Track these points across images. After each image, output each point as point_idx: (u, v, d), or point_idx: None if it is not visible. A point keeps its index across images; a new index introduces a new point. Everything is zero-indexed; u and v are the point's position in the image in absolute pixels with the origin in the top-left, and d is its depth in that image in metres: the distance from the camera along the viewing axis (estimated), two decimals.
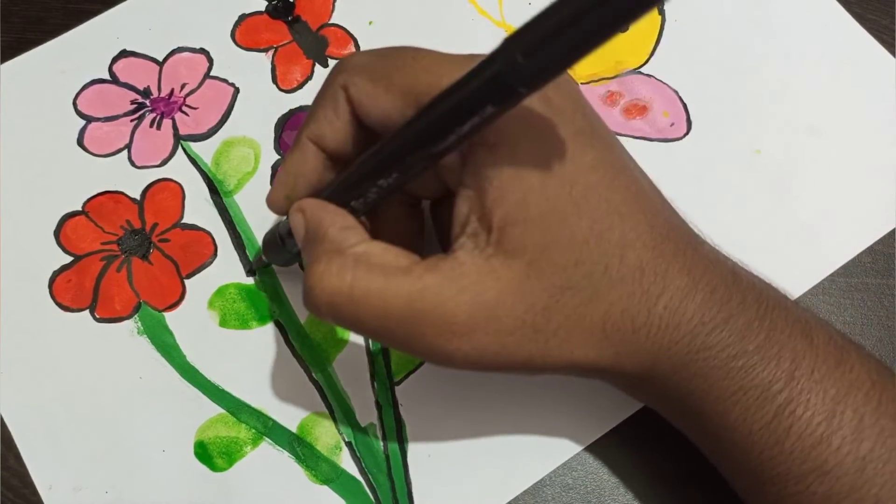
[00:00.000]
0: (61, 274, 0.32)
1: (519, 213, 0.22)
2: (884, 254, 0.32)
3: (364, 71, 0.24)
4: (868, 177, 0.34)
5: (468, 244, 0.23)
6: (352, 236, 0.24)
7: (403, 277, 0.22)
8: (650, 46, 0.37)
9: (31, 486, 0.29)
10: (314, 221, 0.25)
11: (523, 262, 0.22)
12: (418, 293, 0.22)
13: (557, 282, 0.22)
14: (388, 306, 0.22)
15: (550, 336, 0.23)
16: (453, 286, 0.22)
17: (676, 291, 0.23)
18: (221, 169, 0.34)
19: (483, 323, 0.22)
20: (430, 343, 0.22)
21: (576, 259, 0.22)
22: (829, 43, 0.36)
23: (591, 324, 0.23)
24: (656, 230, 0.23)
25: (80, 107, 0.35)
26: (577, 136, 0.23)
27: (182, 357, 0.31)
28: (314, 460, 0.29)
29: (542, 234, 0.22)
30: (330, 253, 0.23)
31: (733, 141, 0.35)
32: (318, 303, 0.23)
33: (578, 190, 0.22)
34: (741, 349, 0.23)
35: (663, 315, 0.23)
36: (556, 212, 0.22)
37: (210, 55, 0.36)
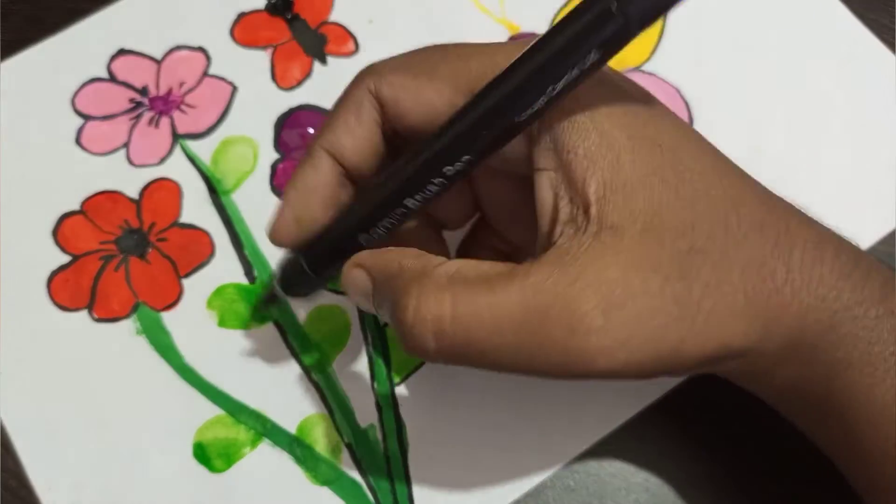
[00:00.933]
0: (59, 273, 0.32)
1: (617, 178, 0.19)
2: (884, 254, 0.32)
3: (399, 68, 0.22)
4: (869, 175, 0.34)
5: (567, 231, 0.20)
6: (433, 259, 0.21)
7: (509, 282, 0.19)
8: (652, 44, 0.36)
9: (29, 488, 0.29)
10: (379, 267, 0.21)
11: (637, 231, 0.19)
12: (532, 291, 0.19)
13: (682, 245, 0.19)
14: (501, 316, 0.19)
15: (697, 310, 0.19)
16: (569, 273, 0.19)
17: (807, 243, 0.20)
18: (220, 168, 0.34)
19: (619, 306, 0.19)
20: (563, 347, 0.19)
21: (692, 220, 0.19)
22: (829, 41, 0.36)
23: (732, 288, 0.20)
24: (759, 189, 0.22)
25: (77, 105, 0.35)
26: (649, 101, 0.22)
27: (180, 357, 0.31)
28: (314, 461, 0.29)
29: (648, 196, 0.19)
30: (417, 279, 0.20)
31: (734, 139, 0.34)
32: (424, 339, 0.20)
33: (669, 150, 0.20)
34: (887, 308, 0.20)
35: (802, 268, 0.20)
36: (655, 172, 0.20)
37: (208, 53, 0.36)
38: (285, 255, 0.26)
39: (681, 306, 0.19)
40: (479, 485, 0.29)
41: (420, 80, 0.21)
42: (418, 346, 0.20)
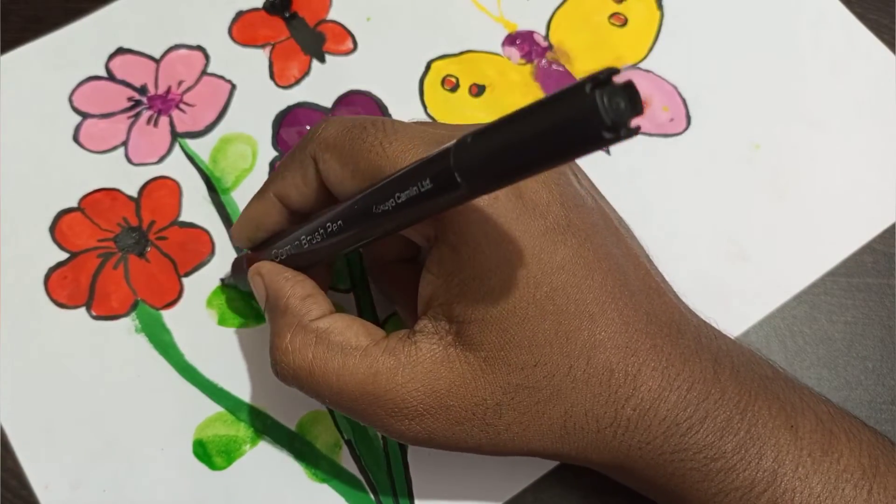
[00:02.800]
0: (57, 271, 0.32)
1: (476, 313, 0.22)
2: (885, 254, 0.32)
3: (334, 149, 0.24)
4: (867, 172, 0.34)
5: (429, 328, 0.23)
6: (314, 308, 0.25)
7: (360, 359, 0.23)
8: (649, 42, 0.36)
9: (29, 487, 0.29)
10: (274, 289, 0.25)
11: (480, 357, 0.22)
12: (372, 377, 0.23)
13: (513, 380, 0.22)
14: (343, 386, 0.23)
15: (502, 430, 0.23)
16: (407, 373, 0.23)
17: (648, 393, 0.22)
18: (219, 166, 0.34)
19: (433, 410, 0.23)
20: (382, 422, 0.23)
21: (535, 360, 0.22)
22: (828, 38, 0.36)
23: (550, 421, 0.23)
24: (632, 327, 0.23)
25: (75, 103, 0.35)
26: (547, 234, 0.22)
27: (180, 355, 0.31)
28: (313, 458, 0.29)
29: (500, 334, 0.22)
30: (293, 327, 0.24)
31: (732, 136, 0.35)
32: (284, 376, 0.24)
33: (543, 292, 0.22)
34: (719, 450, 0.22)
35: (632, 417, 0.22)
36: (517, 314, 0.22)
37: (207, 52, 0.36)
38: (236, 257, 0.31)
39: (486, 425, 0.23)
40: (478, 481, 0.29)
41: (345, 171, 0.24)
42: (278, 373, 0.25)
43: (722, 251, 0.33)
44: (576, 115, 0.15)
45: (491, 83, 0.36)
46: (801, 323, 0.32)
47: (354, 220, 0.22)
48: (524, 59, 0.36)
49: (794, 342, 0.31)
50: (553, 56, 0.36)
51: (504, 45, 0.36)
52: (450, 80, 0.36)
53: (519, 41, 0.37)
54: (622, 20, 0.37)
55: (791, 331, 0.32)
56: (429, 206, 0.19)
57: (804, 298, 0.32)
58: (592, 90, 0.15)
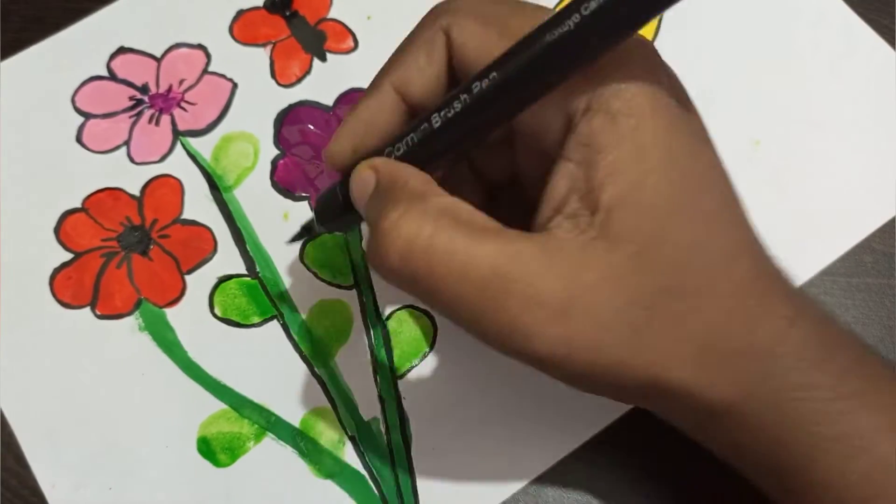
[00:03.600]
0: (61, 271, 0.32)
1: (633, 195, 0.19)
2: (884, 254, 0.33)
3: (474, 12, 0.21)
4: (867, 168, 0.34)
5: (566, 225, 0.20)
6: (437, 189, 0.21)
7: (494, 238, 0.19)
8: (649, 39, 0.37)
9: (30, 487, 0.29)
10: (389, 176, 0.21)
11: (629, 251, 0.19)
12: (508, 258, 0.19)
13: (664, 281, 0.19)
14: (470, 266, 0.19)
15: (649, 341, 0.20)
16: (549, 259, 0.19)
17: (779, 319, 0.21)
18: (221, 164, 0.34)
19: (579, 307, 0.19)
20: (512, 319, 0.19)
21: (686, 260, 0.20)
22: (827, 34, 0.36)
23: (691, 336, 0.20)
24: (756, 250, 0.21)
25: (78, 104, 0.35)
26: (698, 133, 0.21)
27: (184, 353, 0.31)
28: (317, 455, 0.29)
29: (655, 224, 0.19)
30: (410, 199, 0.20)
31: (732, 133, 0.35)
32: (389, 251, 0.19)
33: (695, 185, 0.20)
34: (838, 393, 0.21)
35: (763, 341, 0.20)
36: (673, 203, 0.19)
37: (208, 51, 0.36)
38: (322, 191, 0.26)
39: (634, 332, 0.19)
40: (482, 476, 0.29)
41: (489, 31, 0.21)
42: (381, 258, 0.20)
43: None
44: None
45: None
46: None
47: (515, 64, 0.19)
48: None
49: None
50: None
51: None
52: None
53: None
54: None
55: None
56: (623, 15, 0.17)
57: None
58: None
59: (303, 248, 0.32)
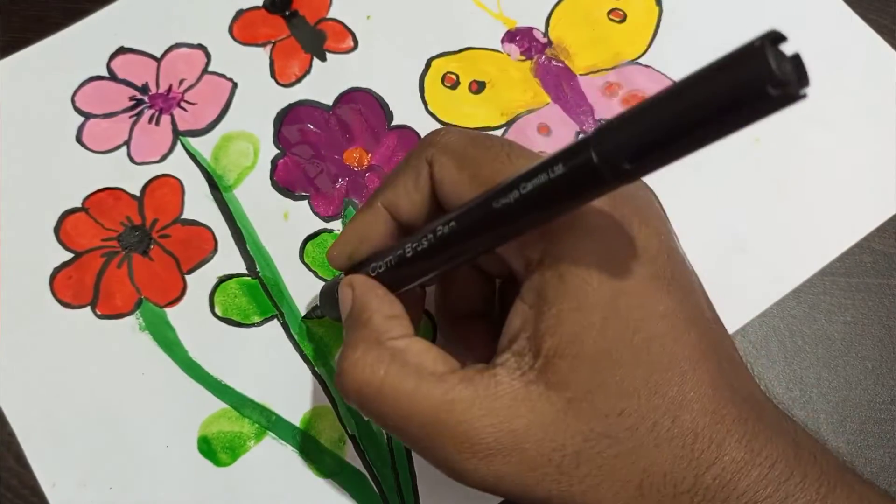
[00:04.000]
0: (62, 271, 0.32)
1: (570, 349, 0.21)
2: (884, 254, 0.33)
3: (454, 153, 0.23)
4: (867, 166, 0.34)
5: (511, 362, 0.22)
6: (395, 327, 0.23)
7: (435, 384, 0.21)
8: (648, 37, 0.37)
9: (30, 487, 0.29)
10: (361, 302, 0.24)
11: (564, 398, 0.21)
12: (447, 405, 0.21)
13: (596, 427, 0.21)
14: (413, 410, 0.21)
15: (576, 482, 0.21)
16: (484, 406, 0.21)
17: (731, 464, 0.21)
18: (221, 164, 0.34)
19: (506, 451, 0.21)
20: (447, 456, 0.21)
21: (622, 409, 0.21)
22: (827, 32, 0.37)
23: (626, 478, 0.21)
24: (719, 393, 0.21)
25: (78, 103, 0.35)
26: (654, 280, 0.21)
27: (184, 352, 0.31)
28: (318, 454, 0.29)
29: (591, 375, 0.21)
30: (369, 342, 0.23)
31: None
32: (346, 389, 0.22)
33: (641, 337, 0.21)
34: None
35: (711, 486, 0.21)
36: (611, 355, 0.21)
37: (208, 51, 0.36)
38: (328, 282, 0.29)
39: (561, 473, 0.21)
40: None
41: (463, 174, 0.23)
42: (340, 390, 0.23)
43: (721, 245, 0.33)
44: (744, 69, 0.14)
45: (491, 80, 0.36)
46: (801, 323, 0.32)
47: (469, 218, 0.21)
48: (524, 55, 0.36)
49: (794, 342, 0.31)
50: (552, 52, 0.36)
51: (504, 41, 0.37)
52: (450, 77, 0.36)
53: (518, 38, 0.37)
54: (621, 16, 0.37)
55: (790, 330, 0.32)
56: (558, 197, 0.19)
57: (804, 298, 0.32)
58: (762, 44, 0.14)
59: (303, 247, 0.32)
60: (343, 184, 0.34)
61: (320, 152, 0.34)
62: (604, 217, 0.22)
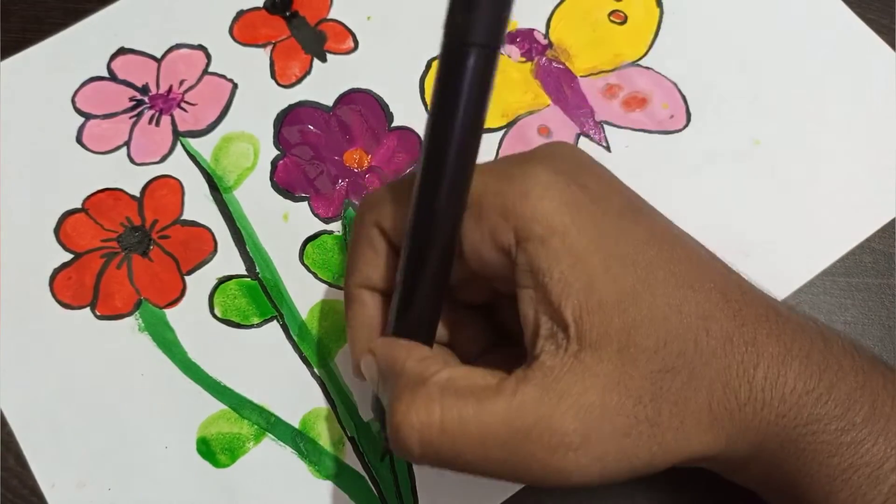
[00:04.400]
0: (62, 272, 0.32)
1: (591, 299, 0.20)
2: (884, 254, 0.32)
3: (390, 201, 0.24)
4: (867, 167, 0.34)
5: (548, 346, 0.21)
6: (432, 365, 0.22)
7: (496, 397, 0.20)
8: (649, 39, 0.37)
9: (30, 487, 0.29)
10: (386, 359, 0.23)
11: (613, 350, 0.20)
12: (517, 410, 0.20)
13: (655, 366, 0.20)
14: (486, 431, 0.20)
15: (666, 428, 0.21)
16: (551, 394, 0.20)
17: (771, 360, 0.21)
18: (221, 165, 0.34)
19: (596, 428, 0.20)
20: (542, 463, 0.20)
21: (664, 338, 0.21)
22: (827, 34, 0.36)
23: (698, 407, 0.21)
24: (731, 298, 0.22)
25: (78, 104, 0.35)
26: (622, 215, 0.22)
27: (183, 353, 0.31)
28: (317, 455, 0.29)
29: (622, 316, 0.20)
30: (411, 386, 0.21)
31: (732, 132, 0.35)
32: (409, 443, 0.21)
33: (642, 267, 0.21)
34: (848, 422, 0.21)
35: (765, 386, 0.21)
36: (628, 292, 0.21)
37: (208, 51, 0.36)
38: None
39: (651, 426, 0.20)
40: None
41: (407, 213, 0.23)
42: (403, 449, 0.21)
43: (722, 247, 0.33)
44: None
45: None
46: None
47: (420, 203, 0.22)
48: (524, 56, 0.36)
49: None
50: (553, 54, 0.36)
51: (504, 43, 0.37)
52: None
53: (519, 39, 0.37)
54: (622, 17, 0.37)
55: None
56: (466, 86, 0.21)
57: (804, 298, 0.32)
58: None
59: (302, 248, 0.32)
60: (343, 185, 0.34)
61: (320, 153, 0.34)
62: (547, 173, 0.22)
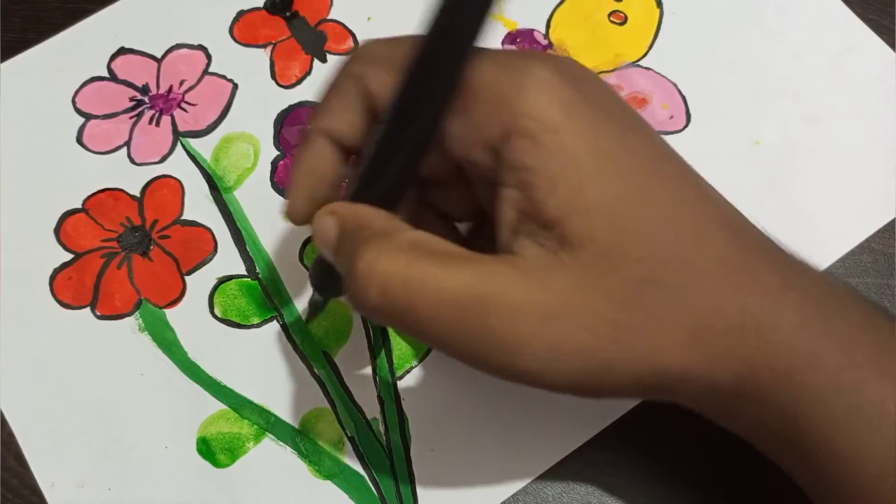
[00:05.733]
0: (62, 271, 0.32)
1: (578, 201, 0.19)
2: (884, 254, 0.32)
3: (383, 61, 0.22)
4: (867, 168, 0.34)
5: (527, 243, 0.20)
6: (399, 224, 0.22)
7: (465, 263, 0.20)
8: (649, 39, 0.37)
9: (30, 487, 0.29)
10: (352, 219, 0.22)
11: (594, 252, 0.19)
12: (482, 279, 0.19)
13: (636, 273, 0.20)
14: (446, 293, 0.19)
15: (634, 335, 0.20)
16: (522, 275, 0.19)
17: (767, 288, 0.20)
18: (221, 165, 0.34)
19: (557, 315, 0.19)
20: (496, 337, 0.19)
21: (651, 249, 0.20)
22: (827, 34, 0.36)
23: (677, 322, 0.20)
24: (732, 222, 0.21)
25: (78, 104, 0.35)
26: (624, 124, 0.21)
27: (183, 353, 0.31)
28: (317, 455, 0.29)
29: (610, 221, 0.19)
30: (380, 237, 0.20)
31: (733, 133, 0.35)
32: (369, 291, 0.20)
33: (640, 177, 0.20)
34: (850, 360, 0.20)
35: (758, 314, 0.20)
36: (620, 199, 0.20)
37: (208, 51, 0.36)
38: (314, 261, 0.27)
39: (617, 329, 0.19)
40: (481, 477, 0.29)
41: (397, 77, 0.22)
42: (361, 298, 0.20)
43: None
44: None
45: None
46: None
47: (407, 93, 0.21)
48: None
49: None
50: (553, 54, 0.36)
51: (504, 43, 0.37)
52: None
53: (519, 39, 0.37)
54: (622, 18, 0.37)
55: None
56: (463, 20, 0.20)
57: None
58: None
59: (302, 249, 0.32)
60: (343, 186, 0.34)
61: None
62: (547, 69, 0.21)
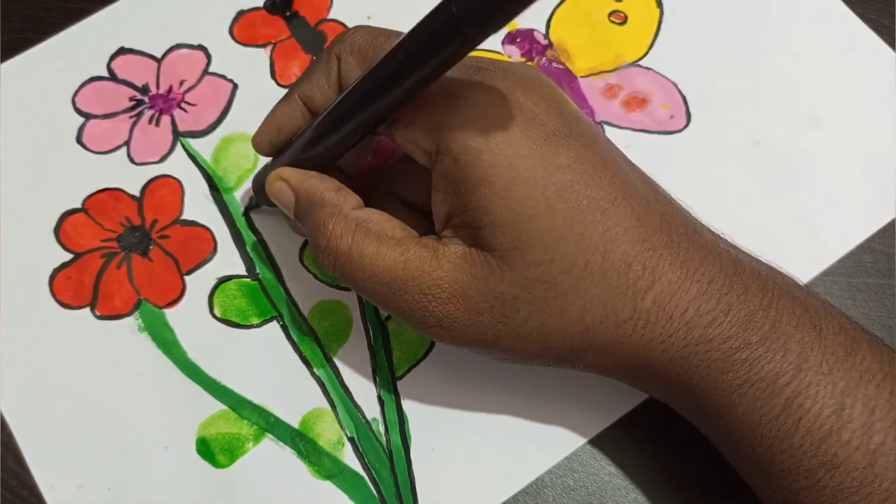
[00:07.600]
0: (61, 271, 0.32)
1: (484, 218, 0.23)
2: (884, 254, 0.32)
3: (358, 53, 0.26)
4: (867, 168, 0.34)
5: (451, 234, 0.24)
6: (348, 198, 0.26)
7: (394, 247, 0.25)
8: (649, 39, 0.37)
9: (29, 487, 0.29)
10: (304, 188, 0.26)
11: (497, 257, 0.23)
12: (403, 263, 0.24)
13: (531, 276, 0.23)
14: (375, 270, 0.25)
15: (520, 322, 0.24)
16: (434, 263, 0.24)
17: (668, 284, 0.23)
18: (221, 165, 0.34)
19: (456, 298, 0.24)
20: (409, 308, 0.24)
21: (551, 256, 0.23)
22: (827, 34, 0.36)
23: (568, 315, 0.23)
24: (645, 223, 0.23)
25: (78, 104, 0.35)
26: (549, 139, 0.23)
27: (183, 353, 0.31)
28: (317, 456, 0.29)
29: (513, 234, 0.23)
30: (334, 216, 0.25)
31: (733, 132, 0.35)
32: (325, 262, 0.26)
33: (551, 190, 0.23)
34: (744, 341, 0.23)
35: (651, 309, 0.23)
36: (525, 213, 0.23)
37: (208, 51, 0.36)
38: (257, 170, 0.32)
39: (503, 317, 0.24)
40: (481, 477, 0.29)
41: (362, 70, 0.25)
42: (322, 263, 0.26)
43: None
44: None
45: None
46: None
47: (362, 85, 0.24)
48: (524, 57, 0.36)
49: None
50: (553, 54, 0.36)
51: (504, 43, 0.37)
52: None
53: (519, 39, 0.37)
54: (622, 18, 0.37)
55: None
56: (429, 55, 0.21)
57: None
58: None
59: (302, 249, 0.32)
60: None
61: None
62: (485, 93, 0.23)
